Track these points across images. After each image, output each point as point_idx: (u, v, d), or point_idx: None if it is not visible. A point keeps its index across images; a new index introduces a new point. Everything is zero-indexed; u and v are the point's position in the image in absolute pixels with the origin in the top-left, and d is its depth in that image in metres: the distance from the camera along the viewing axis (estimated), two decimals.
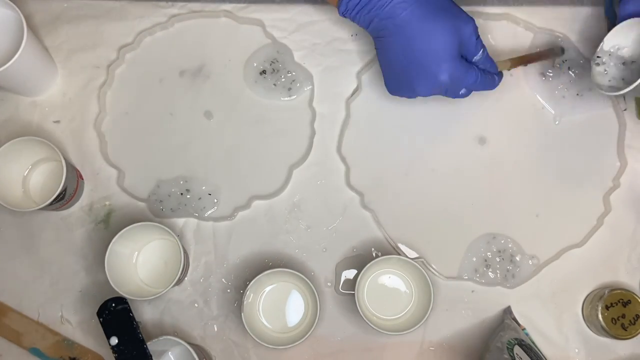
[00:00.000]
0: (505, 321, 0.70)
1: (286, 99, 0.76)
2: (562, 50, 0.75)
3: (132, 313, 0.64)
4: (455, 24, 0.64)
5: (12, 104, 0.76)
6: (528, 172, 0.75)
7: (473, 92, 0.69)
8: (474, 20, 0.66)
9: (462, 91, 0.68)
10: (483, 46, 0.67)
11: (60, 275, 0.73)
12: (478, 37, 0.66)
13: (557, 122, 0.75)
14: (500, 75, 0.70)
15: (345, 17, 0.67)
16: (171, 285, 0.68)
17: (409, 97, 0.68)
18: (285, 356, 0.72)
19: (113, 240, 0.67)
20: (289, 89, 0.76)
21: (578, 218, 0.74)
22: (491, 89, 0.70)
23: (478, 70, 0.67)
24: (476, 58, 0.67)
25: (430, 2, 0.64)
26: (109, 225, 0.74)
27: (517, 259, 0.73)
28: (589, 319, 0.71)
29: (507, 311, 0.72)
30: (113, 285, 0.67)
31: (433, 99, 0.76)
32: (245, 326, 0.67)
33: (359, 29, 0.77)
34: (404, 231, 0.74)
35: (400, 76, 0.67)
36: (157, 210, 0.74)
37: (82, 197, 0.75)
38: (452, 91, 0.67)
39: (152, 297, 0.68)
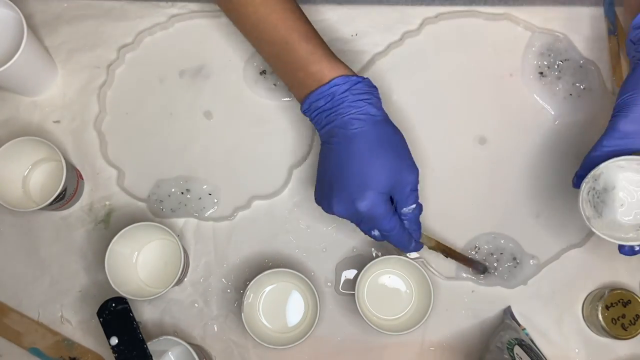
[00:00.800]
0: (505, 321, 0.70)
1: (286, 98, 0.76)
2: (484, 270, 0.72)
3: (132, 313, 0.64)
4: (399, 165, 0.63)
5: (12, 104, 0.76)
6: (528, 172, 0.75)
7: (388, 234, 0.65)
8: (417, 174, 0.64)
9: (375, 233, 0.65)
10: (417, 205, 0.65)
11: (60, 275, 0.73)
12: (415, 191, 0.64)
13: (556, 122, 0.75)
14: (419, 245, 0.67)
15: (304, 114, 0.65)
16: (171, 286, 0.68)
17: (327, 211, 0.65)
18: (285, 356, 0.72)
19: (113, 240, 0.67)
20: (289, 90, 0.76)
21: (578, 218, 0.73)
22: (403, 250, 0.66)
23: (399, 223, 0.64)
24: (404, 210, 0.64)
25: (385, 135, 0.63)
26: (109, 225, 0.74)
27: (517, 259, 0.73)
28: (589, 319, 0.71)
29: (507, 311, 0.72)
30: (113, 285, 0.67)
31: (432, 97, 0.76)
32: (245, 326, 0.67)
33: (359, 29, 0.77)
34: None
35: (327, 188, 0.64)
36: (157, 210, 0.74)
37: (82, 197, 0.75)
38: (365, 226, 0.64)
39: (152, 297, 0.68)
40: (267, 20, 0.64)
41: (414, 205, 0.64)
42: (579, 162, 0.75)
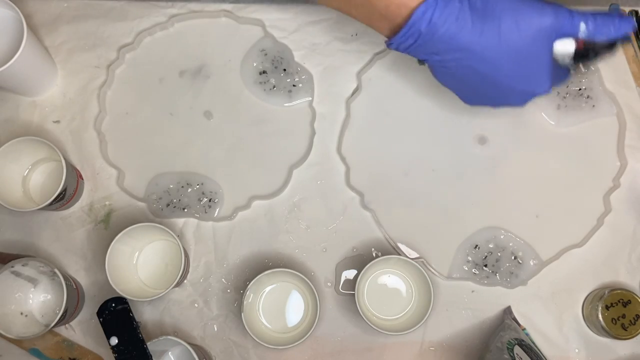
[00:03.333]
0: (506, 321, 0.70)
1: (286, 98, 0.76)
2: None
3: (132, 313, 0.64)
4: (537, 33, 0.56)
5: (12, 104, 0.76)
6: (528, 172, 0.75)
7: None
8: (551, 13, 0.57)
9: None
10: (584, 18, 0.57)
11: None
12: (568, 19, 0.57)
13: (556, 122, 0.75)
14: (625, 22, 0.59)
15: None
16: (171, 287, 0.68)
17: (495, 106, 0.64)
18: (285, 356, 0.72)
19: (114, 240, 0.67)
20: (289, 90, 0.76)
21: (578, 218, 0.74)
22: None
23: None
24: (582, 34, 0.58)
25: (497, 25, 0.56)
26: (109, 225, 0.74)
27: (517, 259, 0.73)
28: (589, 319, 0.71)
29: (507, 311, 0.72)
30: (113, 285, 0.67)
31: (432, 97, 0.76)
32: (245, 326, 0.67)
33: (359, 29, 0.77)
34: (404, 231, 0.74)
35: (488, 94, 0.61)
36: (156, 210, 0.74)
37: (82, 197, 0.75)
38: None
39: (152, 297, 0.68)
40: None
41: (583, 25, 0.58)
42: (579, 162, 0.75)
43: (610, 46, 0.60)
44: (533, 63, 0.58)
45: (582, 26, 0.58)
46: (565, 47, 0.59)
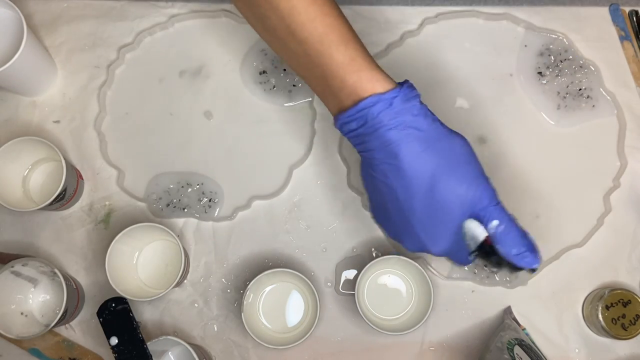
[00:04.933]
0: (506, 321, 0.70)
1: (286, 98, 0.76)
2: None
3: (132, 313, 0.64)
4: (466, 188, 0.55)
5: (12, 104, 0.76)
6: (528, 172, 0.75)
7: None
8: (485, 186, 0.56)
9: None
10: (502, 219, 0.56)
11: None
12: (492, 206, 0.55)
13: (556, 122, 0.75)
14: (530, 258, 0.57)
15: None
16: (171, 287, 0.68)
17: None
18: (285, 356, 0.72)
19: (114, 240, 0.67)
20: (289, 90, 0.76)
21: (578, 218, 0.74)
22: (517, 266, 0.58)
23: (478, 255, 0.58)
24: (489, 228, 0.56)
25: (439, 155, 0.54)
26: (109, 225, 0.74)
27: None
28: (589, 319, 0.71)
29: (507, 311, 0.72)
30: (113, 285, 0.67)
31: (432, 97, 0.76)
32: (245, 326, 0.67)
33: (359, 29, 0.77)
34: None
35: (388, 221, 0.59)
36: (156, 210, 0.74)
37: (82, 197, 0.75)
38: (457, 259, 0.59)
39: (152, 298, 0.68)
40: (302, 13, 0.53)
41: (496, 222, 0.56)
42: (579, 162, 0.75)
43: (511, 266, 0.58)
44: (441, 220, 0.55)
45: (494, 223, 0.55)
46: (476, 231, 0.56)
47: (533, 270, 0.58)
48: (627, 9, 0.78)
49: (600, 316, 0.69)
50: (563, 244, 0.73)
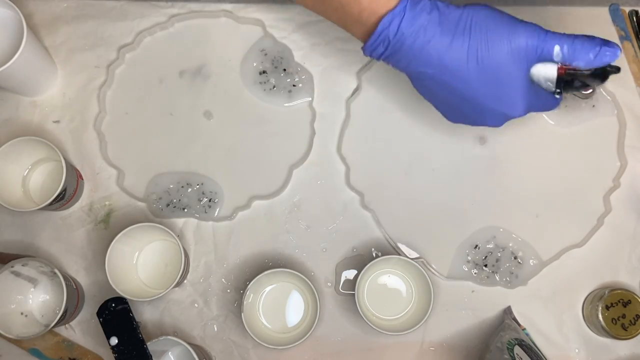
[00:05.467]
0: (506, 321, 0.70)
1: (286, 98, 0.76)
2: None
3: (132, 313, 0.64)
4: (511, 50, 0.55)
5: (12, 104, 0.76)
6: (528, 172, 0.75)
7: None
8: (528, 29, 0.55)
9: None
10: (559, 41, 0.55)
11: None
12: (541, 40, 0.55)
13: (556, 122, 0.75)
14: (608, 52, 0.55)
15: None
16: (171, 287, 0.68)
17: (474, 125, 0.62)
18: (285, 356, 0.72)
19: (114, 240, 0.67)
20: (289, 90, 0.76)
21: (578, 218, 0.74)
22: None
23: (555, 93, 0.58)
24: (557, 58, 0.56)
25: (467, 40, 0.55)
26: (109, 225, 0.74)
27: (517, 259, 0.73)
28: (589, 319, 0.71)
29: (507, 311, 0.72)
30: (113, 285, 0.67)
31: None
32: (245, 326, 0.67)
33: None
34: (404, 231, 0.74)
35: (463, 111, 0.60)
36: (156, 210, 0.74)
37: (82, 197, 0.75)
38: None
39: (152, 298, 0.68)
40: None
41: (557, 47, 0.55)
42: (579, 162, 0.75)
43: (598, 75, 0.57)
44: (504, 83, 0.56)
45: (556, 49, 0.55)
46: (546, 71, 0.56)
47: (618, 69, 0.57)
48: (627, 9, 0.78)
49: (600, 316, 0.69)
50: (563, 244, 0.73)
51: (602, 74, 0.57)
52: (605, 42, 0.55)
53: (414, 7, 0.55)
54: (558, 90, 0.58)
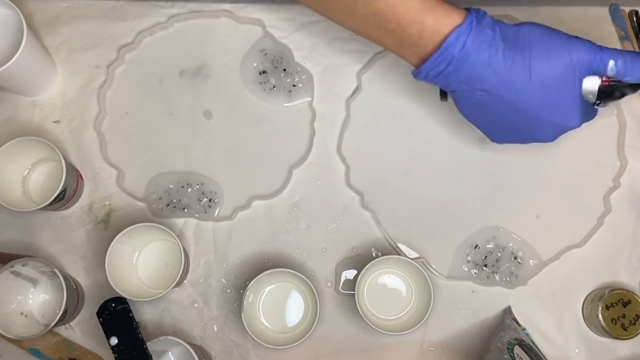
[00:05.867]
0: (506, 321, 0.70)
1: (286, 98, 0.76)
2: None
3: (132, 313, 0.64)
4: (567, 62, 0.56)
5: (12, 104, 0.76)
6: (528, 172, 0.74)
7: None
8: (581, 45, 0.57)
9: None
10: (616, 57, 0.57)
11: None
12: (597, 53, 0.57)
13: None
14: None
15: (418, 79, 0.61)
16: (171, 287, 0.68)
17: (523, 142, 0.64)
18: (285, 356, 0.72)
19: (114, 240, 0.67)
20: (289, 90, 0.76)
21: (578, 218, 0.74)
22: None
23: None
24: (609, 72, 0.58)
25: (526, 54, 0.56)
26: (109, 225, 0.74)
27: (517, 259, 0.73)
28: (589, 319, 0.71)
29: (507, 311, 0.72)
30: (113, 285, 0.67)
31: (432, 97, 0.76)
32: (245, 326, 0.67)
33: None
34: (404, 231, 0.74)
35: (513, 126, 0.61)
36: (156, 210, 0.74)
37: (82, 197, 0.75)
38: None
39: (152, 298, 0.68)
40: None
41: (612, 62, 0.57)
42: (579, 162, 0.75)
43: (635, 86, 0.60)
44: (564, 96, 0.58)
45: (611, 63, 0.58)
46: (591, 83, 0.59)
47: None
48: (627, 9, 0.78)
49: (600, 316, 0.69)
50: (563, 244, 0.73)
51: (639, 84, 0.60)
52: None
53: (479, 24, 0.56)
54: (598, 102, 0.61)
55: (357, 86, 0.76)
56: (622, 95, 0.61)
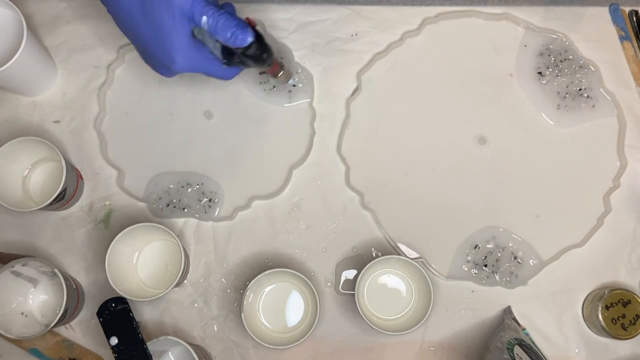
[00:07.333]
0: (506, 321, 0.70)
1: (286, 98, 0.76)
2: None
3: (132, 313, 0.64)
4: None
5: (12, 104, 0.76)
6: (528, 172, 0.75)
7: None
8: None
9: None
10: (206, 12, 0.56)
11: None
12: (202, 5, 0.55)
13: (556, 122, 0.75)
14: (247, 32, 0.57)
15: None
16: (171, 287, 0.68)
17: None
18: (285, 356, 0.72)
19: (114, 240, 0.67)
20: (289, 90, 0.76)
21: (578, 218, 0.74)
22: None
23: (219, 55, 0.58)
24: (202, 25, 0.56)
25: None
26: (109, 225, 0.74)
27: (517, 259, 0.73)
28: (589, 319, 0.71)
29: (507, 311, 0.72)
30: (113, 285, 0.67)
31: (432, 97, 0.76)
32: (245, 326, 0.67)
33: (359, 28, 0.77)
34: (404, 231, 0.74)
35: (141, 54, 0.60)
36: (156, 210, 0.74)
37: (82, 197, 0.75)
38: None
39: (152, 298, 0.68)
40: None
41: (204, 18, 0.56)
42: (579, 162, 0.75)
43: (250, 57, 0.59)
44: (164, 35, 0.57)
45: (204, 19, 0.56)
46: (210, 36, 0.58)
47: (248, 48, 0.58)
48: (627, 9, 0.78)
49: (600, 316, 0.69)
50: (563, 244, 0.73)
51: (254, 56, 0.59)
52: (242, 27, 0.57)
53: None
54: (225, 61, 0.60)
55: (357, 86, 0.77)
56: (243, 63, 0.60)
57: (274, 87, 0.76)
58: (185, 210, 0.74)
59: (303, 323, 0.71)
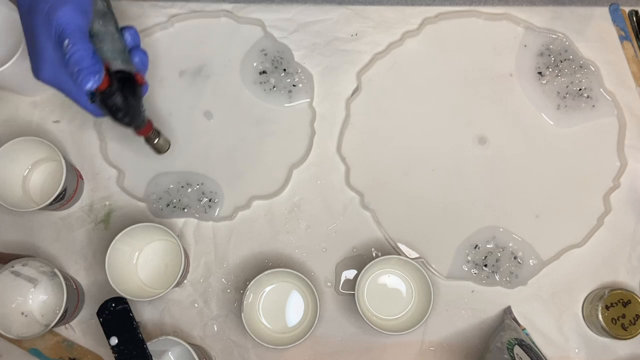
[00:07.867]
0: (505, 321, 0.70)
1: (286, 98, 0.76)
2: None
3: (132, 313, 0.64)
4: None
5: (12, 104, 0.76)
6: (528, 172, 0.75)
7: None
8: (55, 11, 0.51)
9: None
10: (72, 43, 0.52)
11: None
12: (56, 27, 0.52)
13: (556, 122, 0.75)
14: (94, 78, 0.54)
15: None
16: (171, 287, 0.68)
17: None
18: (285, 356, 0.72)
19: (114, 240, 0.67)
20: (289, 90, 0.76)
21: (578, 218, 0.74)
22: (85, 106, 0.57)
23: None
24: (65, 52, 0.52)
25: None
26: (109, 225, 0.74)
27: (517, 259, 0.73)
28: (589, 319, 0.71)
29: (507, 311, 0.72)
30: (113, 285, 0.67)
31: (432, 97, 0.76)
32: (245, 326, 0.67)
33: (359, 29, 0.77)
34: (404, 231, 0.74)
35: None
36: (156, 210, 0.74)
37: (82, 197, 0.75)
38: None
39: (152, 298, 0.68)
40: None
41: (67, 41, 0.51)
42: (579, 162, 0.75)
43: (107, 107, 0.56)
44: (34, 42, 0.54)
45: (65, 42, 0.52)
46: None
47: (93, 95, 0.55)
48: (627, 9, 0.78)
49: (600, 316, 0.69)
50: (563, 244, 0.73)
51: (109, 108, 0.57)
52: (90, 69, 0.53)
53: None
54: (96, 99, 0.57)
55: (357, 86, 0.77)
56: (104, 109, 0.57)
57: (274, 87, 0.76)
58: (185, 210, 0.74)
59: (303, 323, 0.71)
